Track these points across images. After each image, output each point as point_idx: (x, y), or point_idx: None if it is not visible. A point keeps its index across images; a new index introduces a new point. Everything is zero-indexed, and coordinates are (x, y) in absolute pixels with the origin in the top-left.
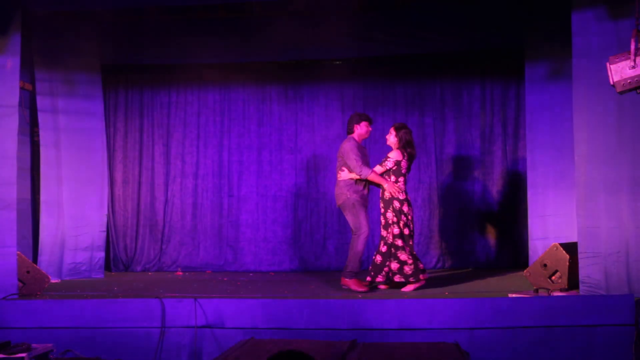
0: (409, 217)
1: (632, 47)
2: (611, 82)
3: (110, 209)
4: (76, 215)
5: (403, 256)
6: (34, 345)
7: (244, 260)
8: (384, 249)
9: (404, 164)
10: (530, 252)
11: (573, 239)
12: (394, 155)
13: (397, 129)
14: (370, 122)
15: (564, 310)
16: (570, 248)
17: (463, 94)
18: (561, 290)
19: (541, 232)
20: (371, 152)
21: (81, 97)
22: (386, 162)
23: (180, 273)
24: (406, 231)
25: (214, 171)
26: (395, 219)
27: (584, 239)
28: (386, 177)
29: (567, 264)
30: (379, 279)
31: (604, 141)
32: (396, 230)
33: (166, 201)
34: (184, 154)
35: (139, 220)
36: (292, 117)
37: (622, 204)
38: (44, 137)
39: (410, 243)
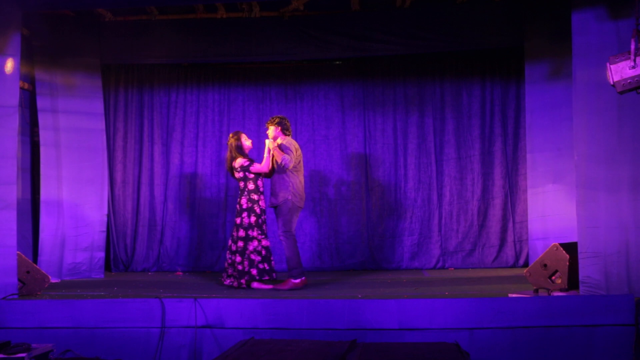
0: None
1: (632, 47)
2: (611, 82)
3: (110, 209)
4: (76, 215)
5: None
6: (34, 345)
7: None
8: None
9: None
10: (530, 252)
11: (573, 239)
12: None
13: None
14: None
15: (564, 310)
16: (570, 248)
17: (463, 94)
18: (561, 290)
19: (541, 232)
20: (372, 152)
21: (81, 97)
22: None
23: (180, 273)
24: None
25: (213, 171)
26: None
27: (584, 239)
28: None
29: (567, 264)
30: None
31: (604, 141)
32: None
33: (165, 201)
34: (183, 153)
35: (138, 221)
36: (292, 117)
37: (622, 204)
38: (44, 137)
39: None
